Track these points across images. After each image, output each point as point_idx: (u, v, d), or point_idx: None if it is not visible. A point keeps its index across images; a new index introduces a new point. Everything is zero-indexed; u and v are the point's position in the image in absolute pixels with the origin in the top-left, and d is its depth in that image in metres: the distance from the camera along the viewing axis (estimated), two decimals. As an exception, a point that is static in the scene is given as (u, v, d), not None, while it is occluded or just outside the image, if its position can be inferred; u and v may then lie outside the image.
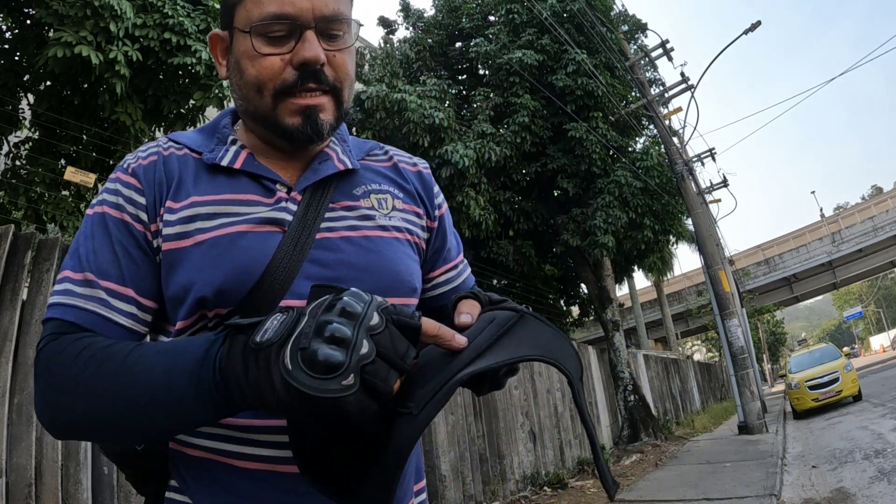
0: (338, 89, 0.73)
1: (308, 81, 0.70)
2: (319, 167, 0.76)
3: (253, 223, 0.70)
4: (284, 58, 0.70)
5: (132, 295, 0.69)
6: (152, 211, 0.71)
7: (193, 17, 6.40)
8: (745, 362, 10.07)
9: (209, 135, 0.80)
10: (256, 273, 0.67)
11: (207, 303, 0.67)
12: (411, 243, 0.79)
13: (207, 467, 0.67)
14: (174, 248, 0.69)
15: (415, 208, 0.83)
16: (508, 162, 9.61)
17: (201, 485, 0.67)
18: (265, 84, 0.70)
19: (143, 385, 0.57)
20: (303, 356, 0.47)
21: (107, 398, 0.58)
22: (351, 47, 0.74)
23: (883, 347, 55.08)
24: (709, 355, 38.07)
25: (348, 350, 0.47)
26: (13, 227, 2.68)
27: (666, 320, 24.59)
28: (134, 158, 0.76)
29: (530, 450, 6.37)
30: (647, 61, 12.19)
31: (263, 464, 0.66)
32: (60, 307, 0.67)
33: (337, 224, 0.73)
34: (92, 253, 0.69)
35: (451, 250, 0.89)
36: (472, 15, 11.44)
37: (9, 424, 2.44)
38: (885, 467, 5.46)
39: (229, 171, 0.74)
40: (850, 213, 37.76)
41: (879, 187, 66.72)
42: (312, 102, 0.71)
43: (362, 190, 0.79)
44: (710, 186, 15.21)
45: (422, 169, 0.89)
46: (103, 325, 0.66)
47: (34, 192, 6.79)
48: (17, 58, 6.82)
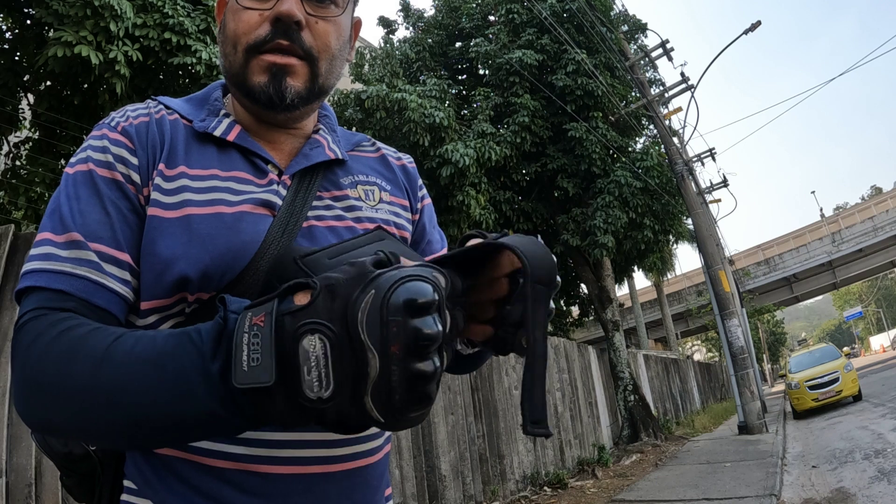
0: (314, 57, 0.69)
1: (279, 38, 0.67)
2: (311, 153, 0.74)
3: (251, 204, 0.66)
4: (263, 14, 0.68)
5: (128, 260, 0.62)
6: (144, 174, 0.66)
7: (193, 17, 6.40)
8: (745, 362, 10.07)
9: (199, 104, 0.76)
10: (246, 258, 0.62)
11: (190, 285, 0.61)
12: (396, 236, 0.75)
13: (173, 465, 0.61)
14: (160, 217, 0.63)
15: (401, 200, 0.82)
16: (508, 162, 9.61)
17: (165, 484, 0.61)
18: (240, 38, 0.68)
19: (140, 404, 0.49)
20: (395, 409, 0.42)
21: (99, 410, 0.49)
22: (337, 19, 0.71)
23: (883, 347, 55.09)
24: (709, 355, 38.08)
25: (435, 380, 0.42)
26: (13, 227, 2.68)
27: (666, 320, 24.59)
28: (122, 116, 0.70)
29: (530, 450, 6.37)
30: (647, 61, 12.19)
31: (236, 462, 0.61)
32: (43, 274, 0.58)
33: (324, 213, 0.71)
34: (78, 213, 0.61)
35: (431, 243, 0.87)
36: (472, 15, 11.44)
37: (9, 424, 2.44)
38: (885, 467, 5.46)
39: (220, 144, 0.71)
40: (850, 213, 37.76)
41: (879, 187, 66.70)
42: (281, 61, 0.68)
43: (350, 180, 0.77)
44: (710, 186, 15.20)
45: (406, 163, 0.88)
46: (95, 292, 0.59)
47: (34, 192, 6.79)
48: (17, 58, 6.82)
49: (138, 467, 0.63)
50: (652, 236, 10.16)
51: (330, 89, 0.74)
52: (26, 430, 2.47)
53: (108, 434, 0.51)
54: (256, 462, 0.61)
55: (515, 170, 10.14)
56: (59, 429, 0.56)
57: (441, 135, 8.53)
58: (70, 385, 0.50)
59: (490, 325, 0.57)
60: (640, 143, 11.58)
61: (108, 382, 0.49)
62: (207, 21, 6.63)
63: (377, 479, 0.71)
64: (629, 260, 12.05)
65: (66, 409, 0.51)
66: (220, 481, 0.60)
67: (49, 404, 0.52)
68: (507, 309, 0.55)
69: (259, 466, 0.61)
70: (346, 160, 0.78)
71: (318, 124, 0.80)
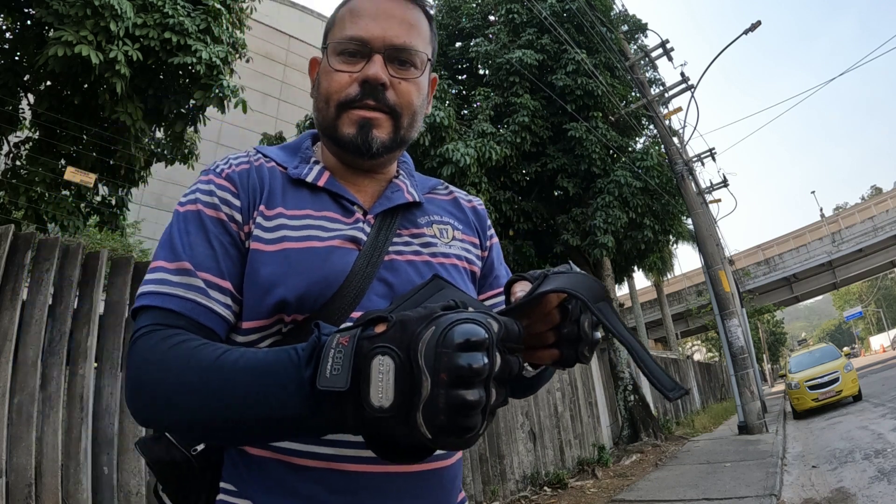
0: (397, 113, 0.80)
1: (367, 97, 0.78)
2: (392, 196, 0.84)
3: (340, 239, 0.77)
4: (353, 75, 0.78)
5: (229, 288, 0.73)
6: (246, 213, 0.76)
7: (193, 17, 6.40)
8: (745, 362, 10.07)
9: (292, 153, 0.87)
10: (336, 285, 0.73)
11: (288, 307, 0.71)
12: (467, 270, 0.87)
13: (269, 467, 0.70)
14: (261, 250, 0.74)
15: (472, 238, 0.92)
16: (508, 161, 9.61)
17: (263, 486, 0.70)
18: (332, 96, 0.79)
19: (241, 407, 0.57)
20: (440, 428, 0.48)
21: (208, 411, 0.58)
22: (417, 79, 0.82)
23: (883, 347, 55.12)
24: (709, 355, 38.08)
25: (482, 413, 0.49)
26: (13, 227, 2.68)
27: (666, 320, 24.58)
28: (226, 164, 0.81)
29: (530, 450, 6.37)
30: (647, 61, 12.19)
31: (323, 462, 0.69)
32: (157, 296, 0.69)
33: (403, 248, 0.81)
34: (188, 246, 0.73)
35: (498, 277, 0.96)
36: (472, 15, 11.44)
37: (9, 424, 2.44)
38: (885, 467, 5.46)
39: (312, 188, 0.82)
40: (850, 213, 37.74)
41: (879, 187, 66.70)
42: (368, 115, 0.78)
43: (426, 220, 0.87)
44: (710, 186, 15.20)
45: (476, 205, 0.98)
46: (202, 313, 0.69)
47: (34, 192, 6.79)
48: (17, 58, 6.81)
49: (237, 470, 0.73)
50: (652, 236, 10.16)
51: (410, 140, 0.85)
52: (26, 430, 2.47)
53: (213, 431, 0.60)
54: (341, 461, 0.69)
55: (515, 169, 10.14)
56: (171, 427, 0.68)
57: (441, 134, 8.53)
58: (184, 390, 0.60)
59: (555, 348, 0.67)
60: (640, 143, 11.57)
61: (217, 388, 0.58)
62: (207, 21, 6.63)
63: (451, 481, 0.79)
64: (629, 260, 12.05)
65: (179, 410, 0.60)
66: (309, 480, 0.69)
67: (163, 407, 0.61)
68: (565, 332, 0.65)
69: (344, 465, 0.69)
70: (423, 202, 0.89)
71: (399, 170, 0.91)
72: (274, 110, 22.61)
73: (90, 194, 7.70)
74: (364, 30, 0.79)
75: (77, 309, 2.86)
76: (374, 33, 0.78)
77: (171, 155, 8.41)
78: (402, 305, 0.64)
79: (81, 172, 6.82)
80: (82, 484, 2.61)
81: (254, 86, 18.97)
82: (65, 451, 2.60)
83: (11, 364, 2.50)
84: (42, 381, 2.61)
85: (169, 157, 8.44)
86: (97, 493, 2.68)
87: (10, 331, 2.53)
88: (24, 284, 2.63)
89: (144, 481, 2.83)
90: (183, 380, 0.60)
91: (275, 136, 11.78)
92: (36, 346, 2.61)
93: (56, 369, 2.67)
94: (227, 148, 21.32)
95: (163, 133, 8.24)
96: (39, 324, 2.64)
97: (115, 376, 2.90)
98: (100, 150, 7.38)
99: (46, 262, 2.76)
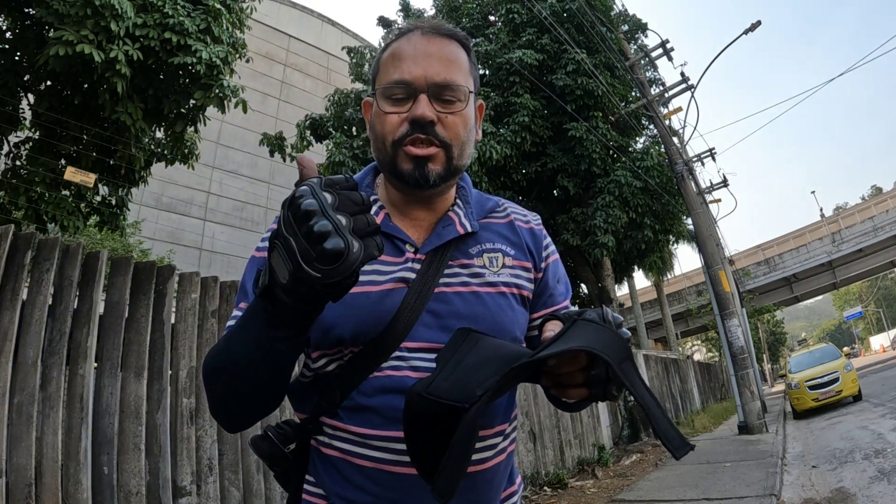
0: (448, 145, 0.87)
1: (417, 133, 0.85)
2: (443, 231, 0.91)
3: (392, 282, 0.85)
4: (402, 115, 0.86)
5: None
6: None
7: (194, 17, 6.39)
8: (745, 362, 10.07)
9: None
10: (386, 321, 0.82)
11: (345, 342, 0.82)
12: (517, 296, 0.92)
13: (337, 464, 0.84)
14: None
15: (524, 263, 0.96)
16: (509, 161, 9.62)
17: (332, 479, 0.84)
18: (386, 136, 0.87)
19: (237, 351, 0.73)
20: (316, 258, 0.57)
21: (231, 383, 0.74)
22: (463, 112, 0.88)
23: (883, 347, 55.09)
24: (709, 355, 38.07)
25: (340, 235, 0.57)
26: (13, 227, 2.68)
27: (666, 320, 24.56)
28: None
29: (530, 450, 6.37)
30: (647, 61, 12.18)
31: (374, 463, 0.81)
32: None
33: (452, 280, 0.87)
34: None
35: (553, 296, 0.99)
36: (472, 15, 11.44)
37: (9, 424, 2.44)
38: (885, 467, 5.46)
39: None
40: (850, 213, 37.74)
41: (879, 187, 66.68)
42: (422, 153, 0.85)
43: (477, 249, 0.92)
44: (710, 186, 15.18)
45: (534, 225, 1.02)
46: None
47: (34, 192, 6.78)
48: (18, 58, 6.80)
49: (314, 466, 0.88)
50: (652, 236, 10.16)
51: (463, 168, 0.92)
52: (26, 430, 2.47)
53: (240, 397, 0.75)
54: (388, 464, 0.81)
55: (516, 169, 10.14)
56: (234, 415, 0.80)
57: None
58: (216, 375, 0.76)
59: (584, 387, 0.71)
60: (640, 142, 11.58)
61: (225, 345, 0.75)
62: (207, 21, 6.62)
63: (487, 482, 0.86)
64: (629, 260, 12.06)
65: (225, 403, 0.77)
66: (364, 476, 0.82)
67: (221, 407, 0.78)
68: (593, 374, 0.69)
69: (390, 467, 0.81)
70: (476, 231, 0.94)
71: (455, 197, 0.97)
72: (274, 110, 22.60)
73: (90, 194, 7.70)
74: (407, 72, 0.85)
75: (77, 309, 2.85)
76: (416, 74, 0.85)
77: (171, 155, 8.41)
78: (447, 367, 0.72)
79: (81, 172, 6.82)
80: (82, 484, 2.60)
81: (254, 86, 18.97)
82: (65, 451, 2.60)
83: (11, 364, 2.50)
84: (42, 381, 2.61)
85: (169, 157, 8.44)
86: (97, 494, 2.68)
87: (10, 331, 2.53)
88: (24, 284, 2.63)
89: (144, 481, 2.83)
90: (217, 368, 0.76)
91: (275, 137, 11.78)
92: (36, 346, 2.61)
93: (56, 369, 2.67)
94: (228, 148, 21.30)
95: (163, 133, 8.23)
96: (39, 324, 2.64)
97: (115, 376, 2.90)
98: (100, 149, 7.38)
99: (46, 262, 2.76)
